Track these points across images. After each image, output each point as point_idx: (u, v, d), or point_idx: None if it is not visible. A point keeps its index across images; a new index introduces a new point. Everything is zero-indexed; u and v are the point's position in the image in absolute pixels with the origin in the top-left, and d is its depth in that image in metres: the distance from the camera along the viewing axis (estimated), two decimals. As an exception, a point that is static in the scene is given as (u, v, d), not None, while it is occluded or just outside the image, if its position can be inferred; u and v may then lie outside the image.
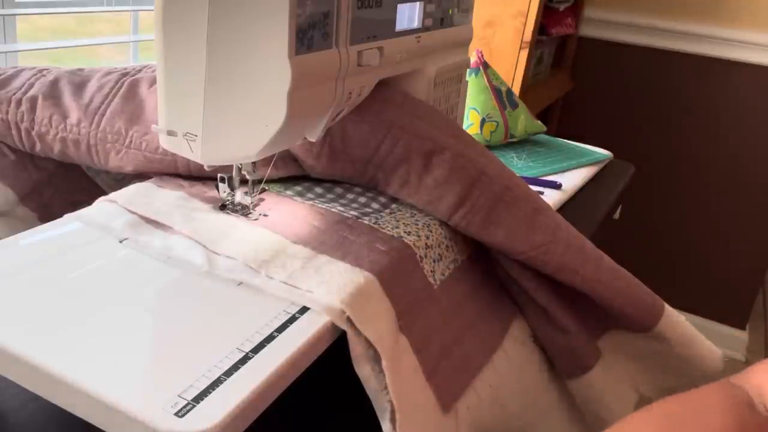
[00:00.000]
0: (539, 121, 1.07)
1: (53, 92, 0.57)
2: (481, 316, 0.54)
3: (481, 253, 0.57)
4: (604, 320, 0.57)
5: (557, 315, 0.54)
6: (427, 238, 0.52)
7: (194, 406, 0.32)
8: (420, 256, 0.50)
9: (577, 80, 2.08)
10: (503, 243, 0.53)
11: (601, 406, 0.58)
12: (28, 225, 0.48)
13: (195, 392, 0.33)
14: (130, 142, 0.55)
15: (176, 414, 0.32)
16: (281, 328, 0.39)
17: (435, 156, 0.53)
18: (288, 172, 0.56)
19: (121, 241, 0.47)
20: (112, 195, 0.52)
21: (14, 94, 0.57)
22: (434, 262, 0.52)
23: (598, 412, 0.58)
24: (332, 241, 0.48)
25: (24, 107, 0.56)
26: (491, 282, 0.57)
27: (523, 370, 0.55)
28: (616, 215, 0.95)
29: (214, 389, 0.34)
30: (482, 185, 0.53)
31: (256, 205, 0.52)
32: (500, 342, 0.54)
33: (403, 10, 0.53)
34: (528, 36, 1.53)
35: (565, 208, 0.82)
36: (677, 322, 0.56)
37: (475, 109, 1.01)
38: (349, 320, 0.40)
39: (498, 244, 0.53)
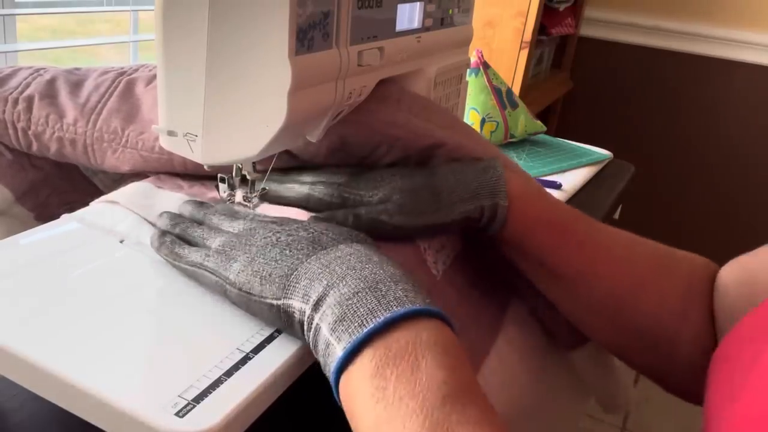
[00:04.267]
0: (539, 121, 1.07)
1: (50, 91, 0.57)
2: (481, 304, 0.54)
3: (476, 240, 0.57)
4: None
5: None
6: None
7: (194, 406, 0.32)
8: (423, 248, 0.50)
9: (577, 80, 2.09)
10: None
11: (605, 376, 0.58)
12: (24, 224, 0.48)
13: (195, 392, 0.33)
14: (127, 141, 0.55)
15: (176, 414, 0.32)
16: (281, 328, 0.39)
17: (434, 151, 0.53)
18: (281, 164, 0.56)
19: (120, 241, 0.47)
20: (111, 195, 0.52)
21: (11, 93, 0.57)
22: (436, 252, 0.52)
23: (602, 382, 0.58)
24: None
25: (20, 106, 0.56)
26: (487, 268, 0.57)
27: (527, 350, 0.55)
28: (616, 215, 0.95)
29: (214, 389, 0.34)
30: None
31: (256, 206, 0.52)
32: (501, 326, 0.54)
33: (403, 10, 0.53)
34: (528, 36, 1.53)
35: (565, 208, 0.82)
36: None
37: (475, 109, 1.01)
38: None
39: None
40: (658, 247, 0.52)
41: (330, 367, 0.34)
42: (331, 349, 0.34)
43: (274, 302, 0.37)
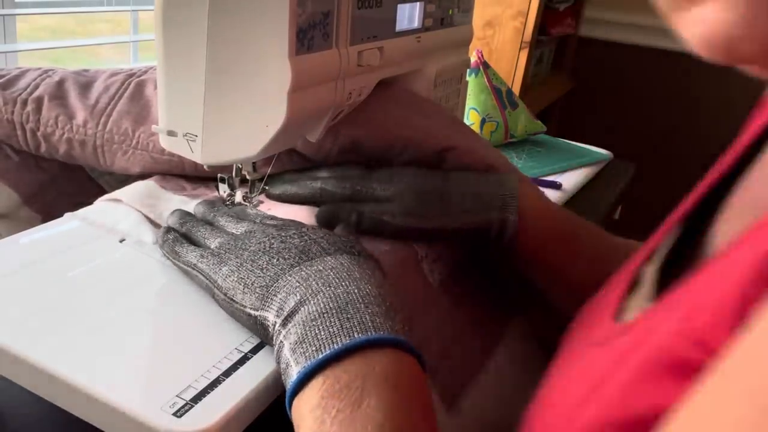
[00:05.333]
0: (539, 121, 1.07)
1: (59, 93, 0.57)
2: (480, 314, 0.54)
3: (479, 250, 0.57)
4: None
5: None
6: (427, 238, 0.52)
7: (192, 406, 0.32)
8: (421, 256, 0.50)
9: (577, 80, 2.08)
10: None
11: None
12: (31, 227, 0.48)
13: (193, 392, 0.33)
14: (137, 142, 0.55)
15: (174, 414, 0.32)
16: (281, 329, 0.39)
17: (445, 153, 0.53)
18: (293, 165, 0.56)
19: (121, 241, 0.47)
20: (114, 194, 0.52)
21: (20, 94, 0.56)
22: (433, 261, 0.52)
23: None
24: None
25: (30, 107, 0.56)
26: (489, 279, 0.57)
27: (525, 364, 0.55)
28: (616, 215, 0.95)
29: (212, 389, 0.34)
30: None
31: (256, 206, 0.52)
32: (500, 338, 0.54)
33: (403, 10, 0.53)
34: (528, 36, 1.53)
35: (565, 209, 0.82)
36: None
37: (475, 109, 1.01)
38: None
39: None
40: None
41: (287, 388, 0.33)
42: (290, 371, 0.33)
43: (252, 312, 0.37)
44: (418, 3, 0.55)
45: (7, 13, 0.92)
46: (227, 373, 0.35)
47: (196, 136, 0.44)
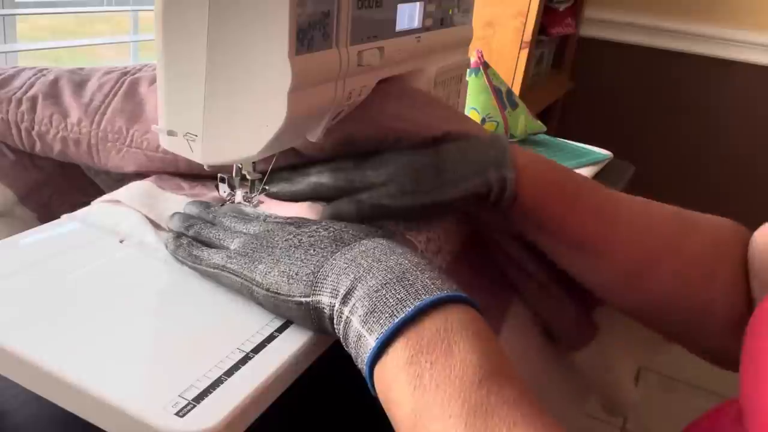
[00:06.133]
0: (539, 121, 1.07)
1: (53, 91, 0.57)
2: (480, 305, 0.54)
3: (475, 242, 0.57)
4: None
5: (559, 288, 0.54)
6: (428, 231, 0.52)
7: (195, 406, 0.32)
8: (421, 250, 0.50)
9: (577, 80, 2.08)
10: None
11: (607, 377, 0.58)
12: (27, 225, 0.48)
13: (196, 392, 0.33)
14: (131, 140, 0.55)
15: (177, 414, 0.32)
16: (282, 328, 0.40)
17: (438, 142, 0.53)
18: (286, 161, 0.56)
19: (120, 241, 0.47)
20: (113, 194, 0.52)
21: (14, 93, 0.57)
22: (433, 254, 0.52)
23: (603, 382, 0.58)
24: None
25: (24, 107, 0.56)
26: (486, 269, 0.57)
27: (525, 351, 0.55)
28: (616, 215, 0.94)
29: (214, 389, 0.34)
30: None
31: (256, 206, 0.52)
32: (499, 327, 0.54)
33: (403, 10, 0.53)
34: (528, 36, 1.53)
35: (565, 208, 0.82)
36: None
37: (475, 109, 1.01)
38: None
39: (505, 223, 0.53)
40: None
41: (363, 358, 0.34)
42: (363, 341, 0.34)
43: (303, 300, 0.38)
44: (418, 3, 0.55)
45: (7, 13, 0.92)
46: (229, 373, 0.35)
47: (196, 135, 0.44)
